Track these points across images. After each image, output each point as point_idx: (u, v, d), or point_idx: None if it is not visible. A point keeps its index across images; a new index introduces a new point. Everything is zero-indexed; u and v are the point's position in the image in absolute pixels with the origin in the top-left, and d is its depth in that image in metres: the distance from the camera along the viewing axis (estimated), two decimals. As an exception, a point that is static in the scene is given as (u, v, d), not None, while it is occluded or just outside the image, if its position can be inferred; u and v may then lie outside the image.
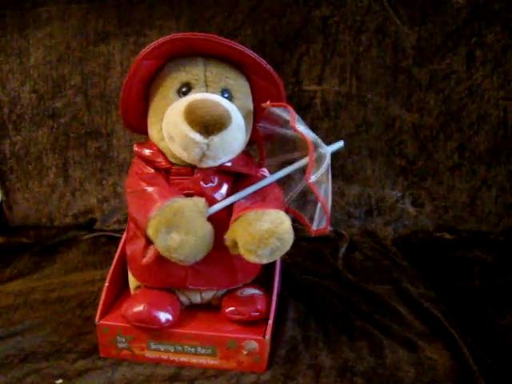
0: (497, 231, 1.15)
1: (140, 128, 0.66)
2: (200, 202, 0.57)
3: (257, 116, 0.66)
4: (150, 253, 0.62)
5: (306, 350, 0.65)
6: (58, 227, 1.21)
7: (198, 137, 0.55)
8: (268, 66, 0.62)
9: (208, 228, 0.55)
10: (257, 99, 0.65)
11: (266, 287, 0.68)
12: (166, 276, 0.63)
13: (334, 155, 1.12)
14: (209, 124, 0.54)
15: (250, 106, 0.65)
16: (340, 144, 0.64)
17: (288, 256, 1.00)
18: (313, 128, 1.12)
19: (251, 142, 0.69)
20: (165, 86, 0.61)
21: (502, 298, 0.81)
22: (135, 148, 0.65)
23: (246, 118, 0.62)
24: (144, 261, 0.62)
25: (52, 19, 1.16)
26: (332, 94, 1.15)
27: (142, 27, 1.14)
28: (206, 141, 0.56)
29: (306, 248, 1.07)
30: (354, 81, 1.14)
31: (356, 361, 0.63)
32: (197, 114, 0.54)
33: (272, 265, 0.69)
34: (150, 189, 0.59)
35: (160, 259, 0.60)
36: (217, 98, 0.58)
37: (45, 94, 1.19)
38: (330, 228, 0.61)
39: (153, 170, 0.63)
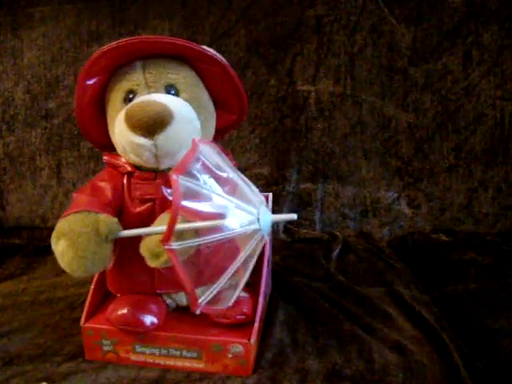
0: (493, 233, 1.14)
1: (108, 145, 0.64)
2: (106, 221, 0.54)
3: (221, 102, 0.66)
4: (113, 259, 0.61)
5: (293, 354, 0.64)
6: (51, 228, 1.20)
7: (142, 140, 0.55)
8: (205, 48, 0.60)
9: (94, 250, 0.52)
10: (211, 85, 0.64)
11: (255, 289, 0.67)
12: (132, 282, 0.63)
13: (329, 156, 1.13)
14: (148, 125, 0.53)
15: (202, 94, 0.63)
16: (291, 216, 0.51)
17: (280, 258, 0.99)
18: (307, 128, 1.14)
19: (222, 131, 0.69)
20: (113, 99, 0.61)
21: (497, 302, 0.80)
22: (104, 157, 0.64)
23: (199, 107, 0.61)
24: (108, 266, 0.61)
25: (45, 19, 1.16)
26: (326, 94, 1.14)
27: (136, 27, 1.14)
28: (151, 142, 0.55)
29: (299, 250, 1.06)
30: (349, 81, 1.13)
31: (344, 365, 0.62)
32: (135, 117, 0.54)
33: (261, 267, 0.68)
34: (81, 196, 0.58)
35: (123, 265, 0.61)
36: (155, 96, 0.57)
37: (38, 94, 1.19)
38: (197, 311, 0.49)
39: (104, 185, 0.61)
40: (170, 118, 0.54)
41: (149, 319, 0.60)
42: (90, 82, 0.59)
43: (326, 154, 1.14)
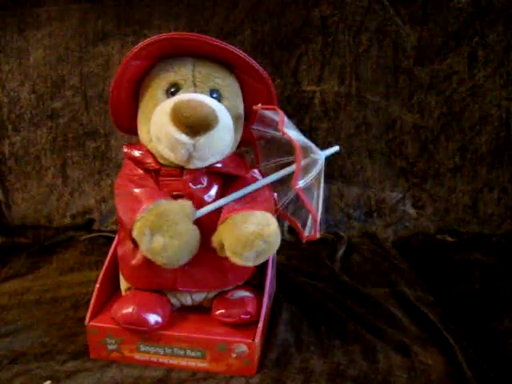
0: (498, 233, 1.14)
1: (131, 129, 0.66)
2: (187, 205, 0.56)
3: (250, 116, 0.65)
4: (139, 254, 0.61)
5: (297, 354, 0.64)
6: (57, 227, 1.21)
7: (184, 137, 0.55)
8: (258, 65, 0.61)
9: (193, 232, 0.54)
10: (248, 99, 0.65)
11: (260, 289, 0.67)
12: (156, 278, 0.62)
13: (333, 156, 1.12)
14: (194, 125, 0.54)
15: (240, 105, 0.64)
16: (335, 149, 0.62)
17: (285, 258, 0.99)
18: (312, 129, 1.14)
19: (245, 143, 0.68)
20: (153, 87, 0.60)
21: (501, 303, 0.80)
22: (125, 149, 0.64)
23: (235, 118, 0.61)
24: (133, 262, 0.62)
25: (51, 19, 1.16)
26: (331, 94, 1.14)
27: (141, 27, 1.14)
28: (192, 141, 0.55)
29: (304, 250, 1.06)
30: (354, 81, 1.13)
31: (348, 365, 0.62)
32: (182, 114, 0.54)
33: (266, 267, 0.68)
34: (137, 190, 0.59)
35: (149, 261, 0.60)
36: (204, 98, 0.57)
37: (44, 94, 1.19)
38: (318, 236, 0.59)
39: (142, 172, 0.62)
40: (215, 122, 0.55)
41: (153, 318, 0.60)
42: (135, 63, 0.59)
43: (331, 155, 1.14)
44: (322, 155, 0.59)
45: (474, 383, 0.57)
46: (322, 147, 0.61)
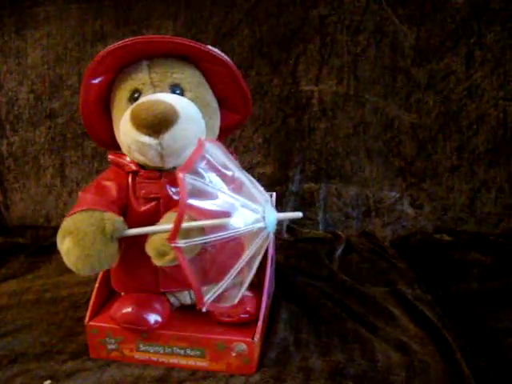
0: (496, 233, 1.14)
1: (114, 144, 0.65)
2: (111, 221, 0.54)
3: (225, 102, 0.66)
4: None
5: (296, 353, 0.64)
6: (55, 227, 1.20)
7: (148, 139, 0.55)
8: (214, 50, 0.60)
9: (101, 248, 0.53)
10: (215, 85, 0.64)
11: (259, 288, 0.68)
12: (137, 281, 0.63)
13: (332, 155, 1.13)
14: (154, 124, 0.54)
15: (207, 94, 0.64)
16: (296, 214, 0.52)
17: (284, 257, 0.99)
18: (310, 128, 1.14)
19: (228, 132, 0.69)
20: (118, 98, 0.61)
21: (499, 302, 0.80)
22: (110, 156, 0.65)
23: (203, 107, 0.61)
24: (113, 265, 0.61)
25: (50, 19, 1.16)
26: (329, 94, 1.14)
27: (140, 27, 1.14)
28: (156, 141, 0.55)
29: (302, 249, 1.06)
30: (352, 81, 1.13)
31: (347, 364, 0.62)
32: (140, 116, 0.54)
33: (264, 266, 0.69)
34: (87, 195, 0.59)
35: (127, 265, 0.61)
36: (160, 95, 0.57)
37: (42, 94, 1.20)
38: (203, 309, 0.49)
39: (109, 183, 0.61)
40: (175, 117, 0.54)
41: (153, 318, 0.60)
42: (96, 81, 0.59)
43: (329, 154, 1.15)
44: (269, 225, 0.50)
45: (472, 381, 0.57)
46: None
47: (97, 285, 0.66)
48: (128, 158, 0.62)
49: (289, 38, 1.12)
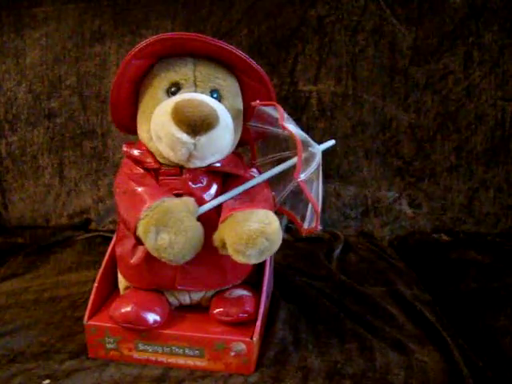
0: (494, 233, 1.14)
1: (131, 128, 0.66)
2: (190, 201, 0.56)
3: (247, 116, 0.66)
4: (140, 253, 0.61)
5: (295, 352, 0.64)
6: (54, 227, 1.21)
7: (184, 137, 0.55)
8: (257, 66, 0.61)
9: (198, 228, 0.55)
10: (246, 99, 0.65)
11: (258, 288, 0.68)
12: (155, 276, 0.62)
13: (330, 155, 1.13)
14: (196, 124, 0.54)
15: (240, 106, 0.65)
16: (331, 143, 0.64)
17: (282, 257, 1.00)
18: (308, 128, 1.14)
19: (242, 143, 0.68)
20: (154, 86, 0.61)
21: (497, 301, 0.80)
22: (124, 148, 0.65)
23: (235, 118, 0.62)
24: (132, 261, 0.62)
25: (48, 19, 1.16)
26: (328, 94, 1.14)
27: (138, 27, 1.14)
28: (192, 141, 0.55)
29: (301, 249, 1.06)
30: (350, 81, 1.13)
31: (345, 363, 0.62)
32: (184, 113, 0.54)
33: (263, 266, 0.69)
34: (139, 189, 0.59)
35: (148, 260, 0.60)
36: (205, 97, 0.58)
37: (41, 94, 1.19)
38: (319, 227, 0.60)
39: (142, 171, 0.62)
40: (216, 122, 0.55)
41: (152, 317, 0.60)
42: (136, 62, 0.59)
43: (328, 154, 1.13)
44: (319, 149, 0.60)
45: (470, 380, 0.57)
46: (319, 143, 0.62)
47: (96, 284, 0.66)
48: (140, 151, 0.63)
49: (287, 37, 1.12)
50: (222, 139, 0.58)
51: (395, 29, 1.10)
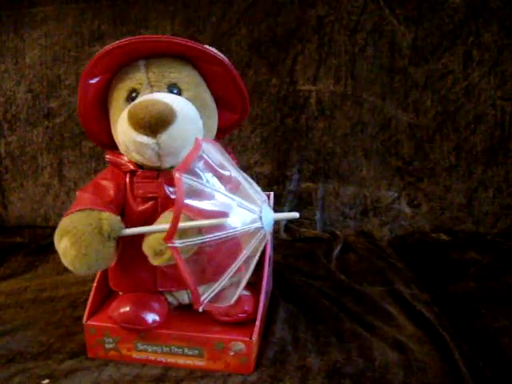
0: (493, 232, 1.14)
1: (113, 144, 0.65)
2: (107, 220, 0.55)
3: (223, 101, 0.66)
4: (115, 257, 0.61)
5: (294, 352, 0.64)
6: (53, 227, 1.20)
7: (145, 139, 0.55)
8: (211, 50, 0.60)
9: (97, 248, 0.53)
10: (213, 85, 0.65)
11: (257, 288, 0.68)
12: (134, 280, 0.63)
13: (329, 155, 1.13)
14: (151, 124, 0.54)
15: (204, 94, 0.64)
16: (293, 215, 0.52)
17: (281, 257, 1.00)
18: (308, 128, 1.14)
19: (225, 132, 0.69)
20: (115, 98, 0.61)
21: (496, 301, 0.80)
22: (107, 155, 0.65)
23: (201, 106, 0.61)
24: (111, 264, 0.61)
25: (47, 19, 1.16)
26: (327, 93, 1.14)
27: (137, 27, 1.14)
28: (154, 141, 0.55)
29: (300, 249, 1.06)
30: (350, 81, 1.13)
31: (345, 363, 0.62)
32: (138, 116, 0.54)
33: (263, 266, 0.69)
34: (84, 195, 0.59)
35: (126, 263, 0.61)
36: (159, 95, 0.57)
37: (40, 93, 1.19)
38: (199, 309, 0.50)
39: (107, 183, 0.61)
40: (172, 116, 0.55)
41: (151, 317, 0.60)
42: (93, 81, 0.60)
43: (327, 154, 1.15)
44: (266, 225, 0.50)
45: (469, 380, 0.57)
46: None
47: (95, 284, 0.66)
48: (125, 158, 0.62)
49: (287, 37, 1.12)
50: (185, 131, 0.57)
51: (395, 28, 1.10)
